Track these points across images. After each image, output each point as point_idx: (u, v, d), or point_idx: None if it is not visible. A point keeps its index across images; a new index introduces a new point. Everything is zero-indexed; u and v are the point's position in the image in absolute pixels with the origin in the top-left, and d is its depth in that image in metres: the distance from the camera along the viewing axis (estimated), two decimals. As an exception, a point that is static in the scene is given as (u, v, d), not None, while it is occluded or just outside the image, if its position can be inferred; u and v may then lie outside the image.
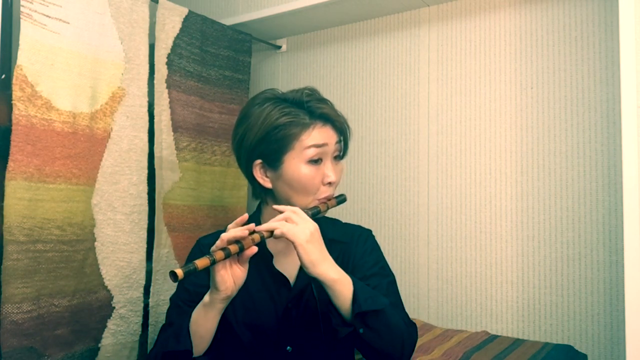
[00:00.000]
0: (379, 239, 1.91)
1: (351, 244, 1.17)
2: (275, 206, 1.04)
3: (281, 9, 1.88)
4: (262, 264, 1.13)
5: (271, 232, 0.97)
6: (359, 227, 1.23)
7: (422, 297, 1.79)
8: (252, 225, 0.97)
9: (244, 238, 0.96)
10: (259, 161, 1.10)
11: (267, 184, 1.11)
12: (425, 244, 1.80)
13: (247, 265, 1.00)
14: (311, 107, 1.08)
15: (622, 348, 1.46)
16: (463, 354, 1.39)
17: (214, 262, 0.93)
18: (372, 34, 1.97)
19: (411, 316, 1.78)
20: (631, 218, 1.11)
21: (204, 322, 1.01)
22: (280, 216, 0.98)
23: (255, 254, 1.12)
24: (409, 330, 1.04)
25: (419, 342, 1.47)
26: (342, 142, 1.12)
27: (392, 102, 1.90)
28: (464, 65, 1.76)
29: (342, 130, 1.12)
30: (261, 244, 1.12)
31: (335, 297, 0.96)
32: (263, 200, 1.18)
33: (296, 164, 1.06)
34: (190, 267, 0.90)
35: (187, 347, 1.01)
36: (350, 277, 0.98)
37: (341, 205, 1.95)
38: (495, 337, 1.55)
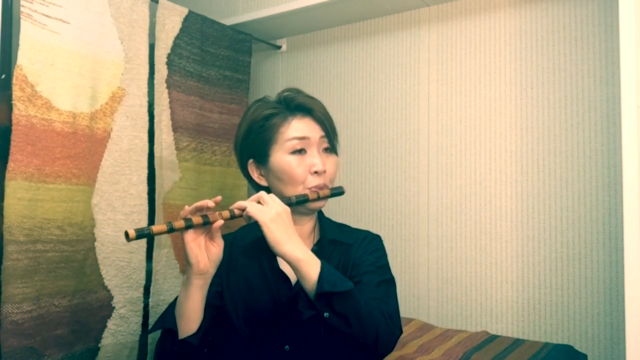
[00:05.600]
0: (379, 239, 1.93)
1: (354, 246, 1.16)
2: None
3: (281, 9, 1.88)
4: (265, 261, 1.14)
5: (242, 210, 0.99)
6: (368, 232, 1.22)
7: (422, 297, 1.79)
8: (218, 198, 1.00)
9: (209, 211, 0.99)
10: (251, 160, 1.16)
11: (262, 182, 1.16)
12: (425, 244, 1.80)
13: (220, 241, 1.02)
14: (288, 99, 1.14)
15: (622, 348, 1.46)
16: (463, 354, 1.39)
17: (171, 229, 0.95)
18: (372, 34, 1.97)
19: (411, 316, 1.78)
20: (631, 218, 1.11)
21: (185, 300, 1.03)
22: (252, 197, 1.02)
23: (260, 250, 1.12)
24: (388, 325, 1.00)
25: (419, 342, 1.47)
26: (328, 136, 1.14)
27: (392, 102, 1.90)
28: (464, 65, 1.76)
29: (322, 121, 1.13)
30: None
31: (301, 278, 0.96)
32: None
33: (280, 156, 1.11)
34: (144, 229, 0.93)
35: (171, 326, 1.03)
36: (321, 260, 0.98)
37: (341, 205, 1.97)
38: (495, 337, 1.55)
